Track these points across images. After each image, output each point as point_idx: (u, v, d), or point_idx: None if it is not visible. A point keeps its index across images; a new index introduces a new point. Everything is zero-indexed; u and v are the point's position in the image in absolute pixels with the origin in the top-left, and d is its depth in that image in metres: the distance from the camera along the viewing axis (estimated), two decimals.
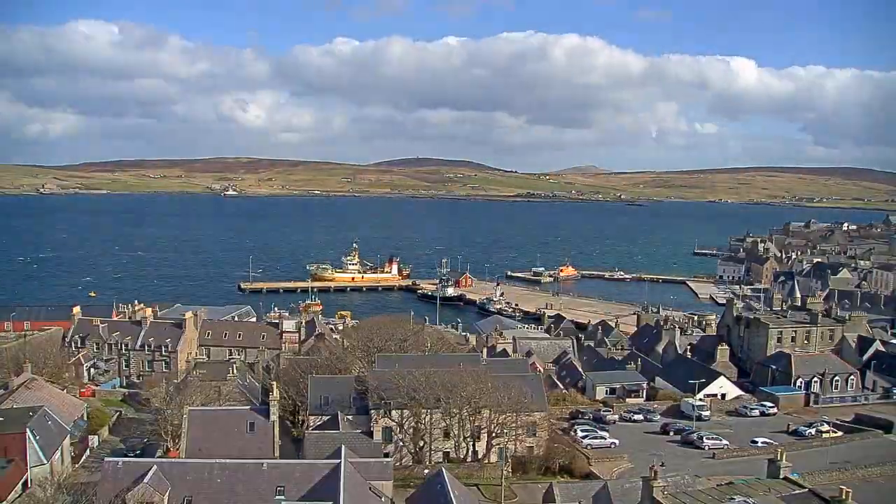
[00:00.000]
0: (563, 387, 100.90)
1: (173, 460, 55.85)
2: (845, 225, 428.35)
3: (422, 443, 71.65)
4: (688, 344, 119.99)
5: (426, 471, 66.04)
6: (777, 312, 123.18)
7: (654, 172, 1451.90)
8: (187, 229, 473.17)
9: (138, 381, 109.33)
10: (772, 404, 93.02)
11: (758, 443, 77.35)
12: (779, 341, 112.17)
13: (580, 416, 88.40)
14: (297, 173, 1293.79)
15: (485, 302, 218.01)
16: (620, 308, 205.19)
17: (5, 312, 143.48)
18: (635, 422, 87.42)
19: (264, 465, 51.66)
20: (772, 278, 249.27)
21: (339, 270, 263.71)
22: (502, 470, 63.81)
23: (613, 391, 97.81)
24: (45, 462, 63.09)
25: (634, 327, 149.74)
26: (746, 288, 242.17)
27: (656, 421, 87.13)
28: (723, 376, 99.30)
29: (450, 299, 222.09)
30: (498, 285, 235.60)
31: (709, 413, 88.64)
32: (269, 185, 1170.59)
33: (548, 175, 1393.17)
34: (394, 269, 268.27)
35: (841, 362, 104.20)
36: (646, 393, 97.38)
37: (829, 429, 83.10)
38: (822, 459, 66.59)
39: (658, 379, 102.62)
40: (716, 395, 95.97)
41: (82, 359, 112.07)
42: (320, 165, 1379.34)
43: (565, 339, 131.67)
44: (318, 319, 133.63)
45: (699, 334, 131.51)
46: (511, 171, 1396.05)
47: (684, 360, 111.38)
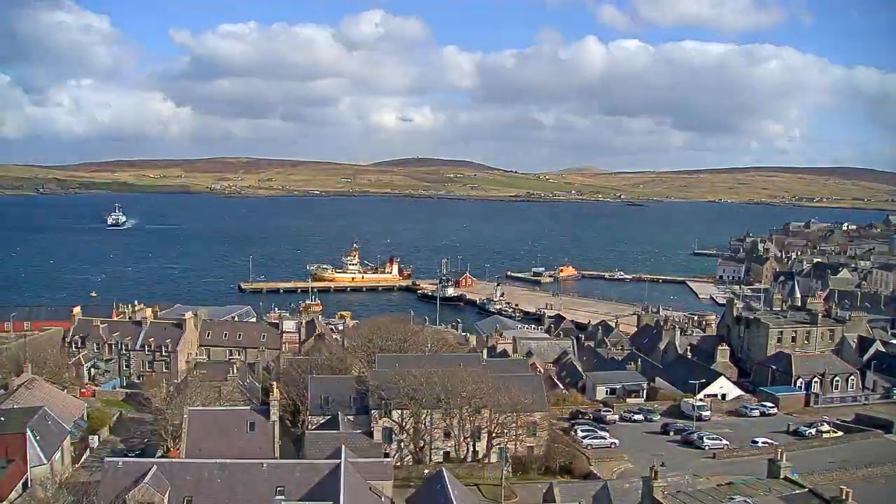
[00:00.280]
0: (563, 387, 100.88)
1: (173, 460, 55.91)
2: (845, 225, 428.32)
3: (422, 443, 71.73)
4: (688, 344, 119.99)
5: (426, 471, 66.11)
6: (777, 312, 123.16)
7: (653, 172, 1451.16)
8: (187, 229, 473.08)
9: (138, 382, 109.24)
10: (772, 404, 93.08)
11: (758, 443, 77.39)
12: (779, 341, 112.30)
13: (580, 416, 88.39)
14: (297, 173, 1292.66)
15: (485, 302, 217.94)
16: (620, 308, 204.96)
17: (5, 312, 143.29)
18: (635, 422, 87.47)
19: (264, 465, 51.70)
20: (772, 278, 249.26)
21: (339, 271, 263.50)
22: (502, 470, 63.90)
23: (613, 391, 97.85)
24: (45, 462, 63.14)
25: (634, 327, 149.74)
26: (746, 288, 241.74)
27: (656, 421, 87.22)
28: (723, 376, 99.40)
29: (450, 299, 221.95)
30: (498, 285, 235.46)
31: (709, 413, 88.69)
32: (268, 185, 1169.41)
33: (548, 175, 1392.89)
34: (394, 269, 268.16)
35: (841, 362, 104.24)
36: (646, 393, 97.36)
37: (830, 429, 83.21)
38: (822, 459, 66.58)
39: (658, 379, 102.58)
40: (716, 395, 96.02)
41: (82, 359, 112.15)
42: (320, 165, 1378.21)
43: (565, 339, 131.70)
44: (318, 320, 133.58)
45: (699, 334, 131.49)
46: (511, 171, 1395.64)
47: (684, 360, 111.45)
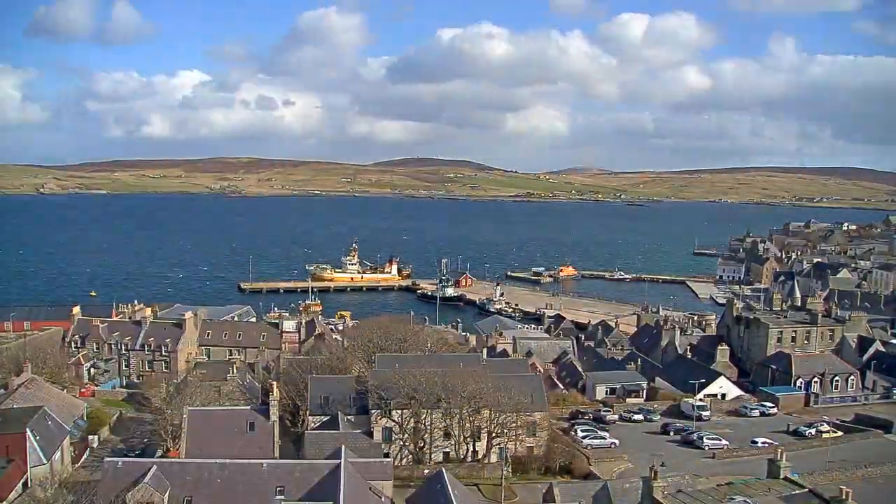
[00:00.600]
0: (563, 387, 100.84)
1: (173, 460, 55.90)
2: (845, 225, 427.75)
3: (422, 443, 71.70)
4: (688, 344, 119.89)
5: (426, 471, 66.11)
6: (777, 312, 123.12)
7: (653, 172, 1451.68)
8: (187, 229, 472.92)
9: (138, 381, 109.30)
10: (772, 404, 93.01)
11: (758, 443, 77.38)
12: (779, 341, 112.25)
13: (580, 416, 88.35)
14: (297, 173, 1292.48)
15: (485, 302, 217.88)
16: (620, 308, 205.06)
17: (5, 312, 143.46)
18: (635, 422, 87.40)
19: (264, 465, 51.67)
20: (772, 278, 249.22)
21: (339, 270, 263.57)
22: (502, 470, 63.92)
23: (613, 391, 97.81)
24: (45, 462, 63.15)
25: (634, 327, 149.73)
26: (746, 288, 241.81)
27: (656, 421, 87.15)
28: (723, 376, 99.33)
29: (450, 299, 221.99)
30: (498, 285, 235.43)
31: (709, 413, 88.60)
32: (269, 185, 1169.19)
33: (548, 175, 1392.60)
34: (393, 269, 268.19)
35: (841, 362, 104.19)
36: (646, 393, 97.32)
37: (829, 429, 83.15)
38: (822, 459, 66.55)
39: (658, 379, 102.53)
40: (716, 395, 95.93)
41: (82, 359, 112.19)
42: (320, 165, 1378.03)
43: (565, 339, 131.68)
44: (318, 319, 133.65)
45: (699, 334, 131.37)
46: (511, 171, 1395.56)
47: (684, 360, 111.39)
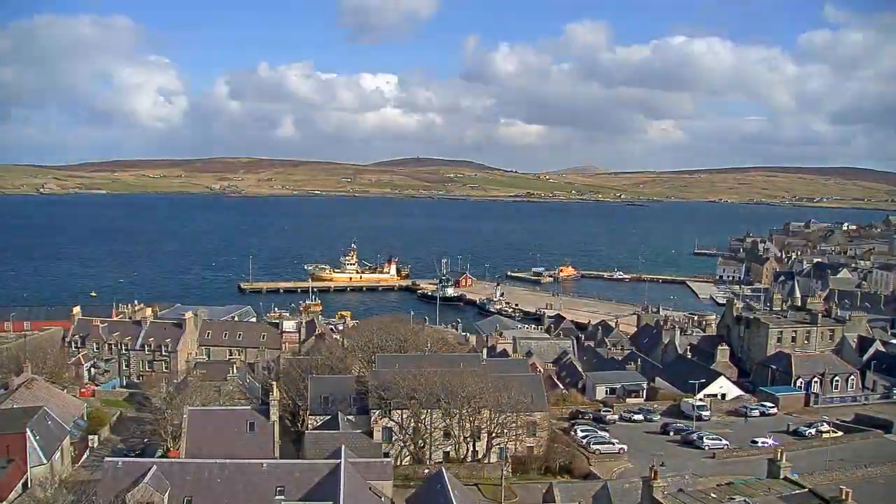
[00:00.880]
0: (563, 387, 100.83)
1: (173, 460, 55.91)
2: (845, 225, 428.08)
3: (422, 443, 71.70)
4: (688, 344, 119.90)
5: (426, 471, 66.10)
6: (777, 312, 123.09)
7: (654, 172, 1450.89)
8: (188, 229, 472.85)
9: (138, 381, 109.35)
10: (772, 404, 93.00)
11: (758, 443, 77.39)
12: (779, 341, 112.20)
13: (580, 416, 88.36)
14: (297, 173, 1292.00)
15: (485, 302, 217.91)
16: (620, 308, 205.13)
17: (5, 312, 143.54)
18: (635, 422, 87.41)
19: (264, 465, 51.70)
20: (772, 278, 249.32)
21: (338, 270, 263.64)
22: (502, 470, 63.95)
23: (613, 391, 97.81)
24: (45, 462, 63.15)
25: (634, 327, 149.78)
26: (746, 288, 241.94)
27: (656, 421, 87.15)
28: (723, 376, 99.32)
29: (450, 299, 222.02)
30: (498, 285, 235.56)
31: (709, 413, 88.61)
32: (269, 185, 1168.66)
33: (548, 175, 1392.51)
34: (392, 269, 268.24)
35: (841, 362, 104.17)
36: (646, 393, 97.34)
37: (829, 429, 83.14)
38: (822, 459, 66.50)
39: (658, 379, 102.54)
40: (716, 395, 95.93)
41: (82, 359, 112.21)
42: (320, 165, 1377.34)
43: (565, 339, 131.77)
44: (318, 319, 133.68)
45: (699, 334, 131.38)
46: (511, 171, 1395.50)
47: (684, 360, 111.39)
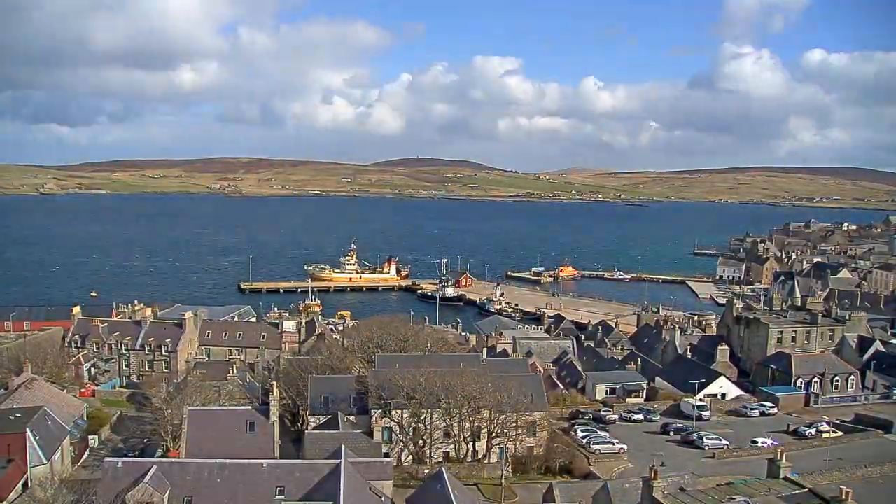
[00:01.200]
0: (563, 387, 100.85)
1: (173, 460, 55.90)
2: (845, 225, 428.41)
3: (422, 443, 71.71)
4: (688, 344, 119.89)
5: (426, 471, 66.12)
6: (777, 312, 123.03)
7: (654, 172, 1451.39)
8: (188, 229, 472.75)
9: (138, 381, 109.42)
10: (772, 404, 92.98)
11: (758, 443, 77.38)
12: (779, 341, 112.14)
13: (580, 416, 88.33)
14: (297, 173, 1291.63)
15: (485, 302, 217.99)
16: (620, 308, 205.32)
17: (5, 312, 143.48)
18: (635, 422, 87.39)
19: (264, 465, 51.70)
20: (772, 278, 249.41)
21: (338, 270, 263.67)
22: (502, 470, 63.95)
23: (613, 391, 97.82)
24: (45, 462, 63.17)
25: (634, 327, 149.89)
26: (746, 288, 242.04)
27: (656, 421, 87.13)
28: (723, 376, 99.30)
29: (450, 299, 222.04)
30: (498, 285, 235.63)
31: (709, 413, 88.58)
32: (268, 185, 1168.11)
33: (548, 175, 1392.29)
34: (392, 269, 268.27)
35: (841, 362, 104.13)
36: (646, 393, 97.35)
37: (829, 429, 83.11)
38: (822, 459, 66.50)
39: (658, 379, 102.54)
40: (716, 395, 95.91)
41: (82, 359, 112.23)
42: (320, 165, 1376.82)
43: (565, 339, 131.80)
44: (318, 319, 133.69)
45: (699, 334, 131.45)
46: (511, 171, 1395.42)
47: (684, 360, 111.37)
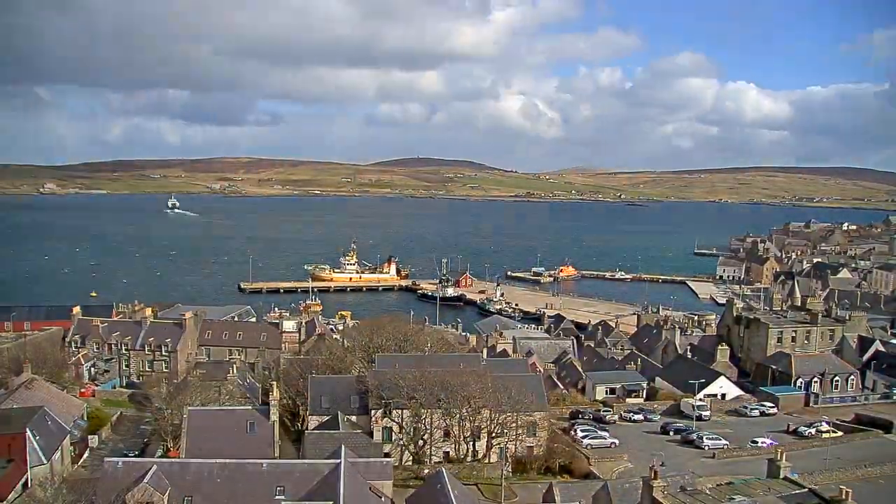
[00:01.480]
0: (563, 387, 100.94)
1: (173, 460, 55.84)
2: (845, 225, 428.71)
3: (422, 443, 71.70)
4: (688, 344, 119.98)
5: (426, 471, 66.11)
6: (777, 312, 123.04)
7: (654, 172, 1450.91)
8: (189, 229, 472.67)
9: (138, 381, 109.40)
10: (772, 404, 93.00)
11: (758, 443, 77.37)
12: (779, 341, 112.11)
13: (580, 416, 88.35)
14: (297, 173, 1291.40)
15: (485, 302, 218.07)
16: (620, 308, 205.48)
17: (5, 312, 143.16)
18: (635, 422, 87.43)
19: (264, 465, 51.70)
20: (772, 278, 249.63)
21: (338, 270, 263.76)
22: (502, 470, 63.93)
23: (613, 391, 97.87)
24: (45, 462, 63.16)
25: (634, 327, 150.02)
26: (746, 288, 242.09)
27: (656, 421, 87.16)
28: (723, 376, 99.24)
29: (450, 299, 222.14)
30: (498, 285, 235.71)
31: (709, 413, 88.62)
32: (269, 185, 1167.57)
33: (548, 175, 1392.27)
34: (392, 269, 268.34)
35: (841, 362, 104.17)
36: (646, 393, 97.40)
37: (829, 429, 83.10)
38: (822, 459, 66.52)
39: (658, 379, 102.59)
40: (716, 395, 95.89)
41: (82, 359, 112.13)
42: (320, 165, 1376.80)
43: (565, 339, 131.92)
44: (318, 319, 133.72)
45: (699, 334, 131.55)
46: (511, 171, 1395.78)
47: (684, 360, 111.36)
